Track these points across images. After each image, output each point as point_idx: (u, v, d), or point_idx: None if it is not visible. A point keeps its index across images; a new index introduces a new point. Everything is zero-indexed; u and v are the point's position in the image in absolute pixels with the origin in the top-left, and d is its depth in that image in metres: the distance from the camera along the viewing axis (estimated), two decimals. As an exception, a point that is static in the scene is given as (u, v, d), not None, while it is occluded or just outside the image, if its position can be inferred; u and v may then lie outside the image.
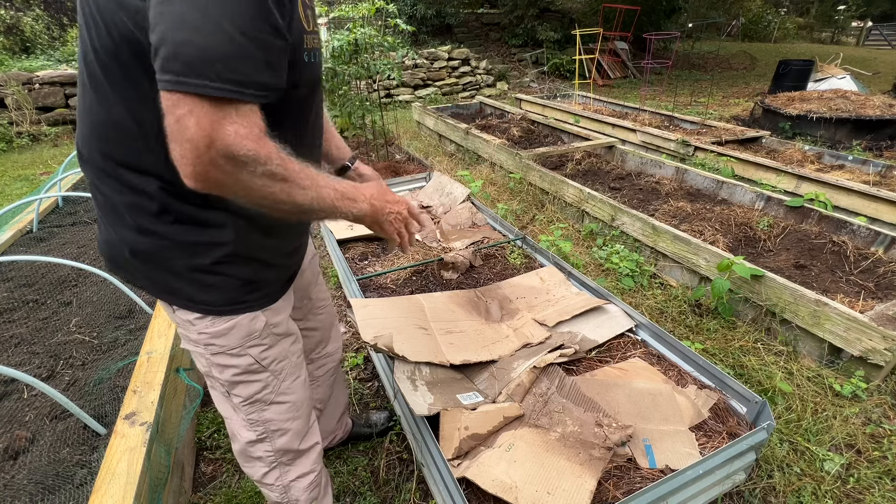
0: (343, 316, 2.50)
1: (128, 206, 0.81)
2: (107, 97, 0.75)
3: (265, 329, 0.96)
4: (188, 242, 0.83)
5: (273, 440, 1.06)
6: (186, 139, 0.63)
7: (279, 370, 1.01)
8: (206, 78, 0.61)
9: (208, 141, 0.63)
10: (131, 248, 0.84)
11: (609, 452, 1.38)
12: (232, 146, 0.64)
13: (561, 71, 10.64)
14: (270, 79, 0.69)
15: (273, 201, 0.73)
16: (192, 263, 0.85)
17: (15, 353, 1.75)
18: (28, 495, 1.22)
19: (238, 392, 0.99)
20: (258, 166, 0.68)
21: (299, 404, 1.08)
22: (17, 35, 8.26)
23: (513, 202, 3.87)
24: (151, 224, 0.81)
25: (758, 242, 2.86)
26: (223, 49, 0.62)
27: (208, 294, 0.88)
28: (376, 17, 4.33)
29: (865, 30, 20.72)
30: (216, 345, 0.92)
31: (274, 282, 0.99)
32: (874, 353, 1.88)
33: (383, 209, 0.94)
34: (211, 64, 0.61)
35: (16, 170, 5.26)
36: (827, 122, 5.39)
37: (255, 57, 0.65)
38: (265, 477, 1.10)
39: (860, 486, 1.59)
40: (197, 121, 0.62)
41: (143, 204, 0.80)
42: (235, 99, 0.64)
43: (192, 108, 0.62)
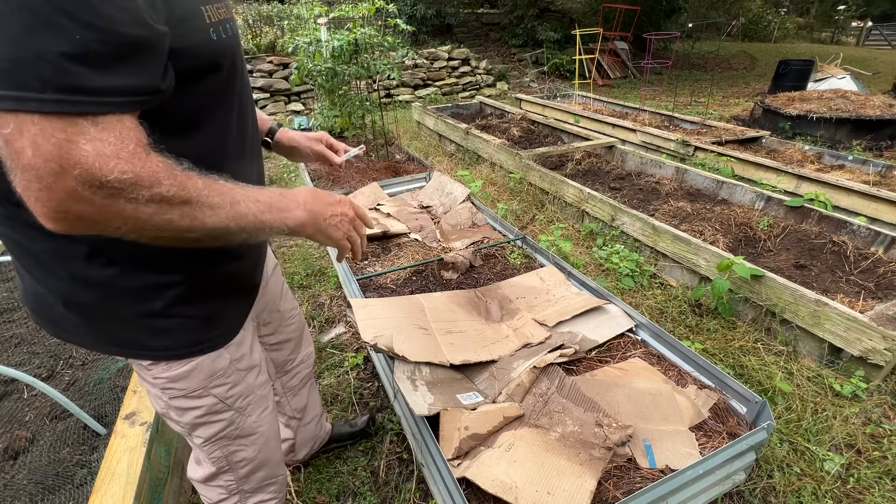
0: (343, 316, 2.50)
1: (49, 252, 0.66)
2: None
3: (230, 366, 0.87)
4: (131, 287, 0.71)
5: (235, 471, 0.98)
6: (23, 167, 0.47)
7: (244, 406, 0.93)
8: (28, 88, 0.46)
9: (57, 168, 0.48)
10: (64, 300, 0.71)
11: (609, 452, 1.38)
12: (94, 170, 0.50)
13: (561, 71, 10.64)
14: (143, 80, 0.54)
15: (174, 231, 0.59)
16: (141, 310, 0.73)
17: (15, 353, 1.76)
18: (28, 495, 1.22)
19: (199, 433, 0.90)
20: (141, 191, 0.54)
21: (266, 436, 1.00)
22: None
23: (513, 202, 3.87)
24: (83, 270, 0.68)
25: (758, 242, 2.86)
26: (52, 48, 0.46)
27: (162, 339, 0.76)
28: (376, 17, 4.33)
29: (865, 30, 20.72)
30: (174, 388, 0.82)
31: (236, 311, 0.88)
32: (874, 353, 1.88)
33: (323, 213, 0.78)
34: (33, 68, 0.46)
35: (16, 170, 5.26)
36: (827, 122, 5.39)
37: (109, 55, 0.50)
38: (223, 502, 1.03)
39: (860, 486, 1.59)
40: (32, 141, 0.47)
41: (67, 248, 0.66)
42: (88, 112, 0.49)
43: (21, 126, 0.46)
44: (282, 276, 1.25)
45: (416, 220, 2.97)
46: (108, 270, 0.68)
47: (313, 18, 4.01)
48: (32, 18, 0.45)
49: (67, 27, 0.46)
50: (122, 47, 0.51)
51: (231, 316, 0.87)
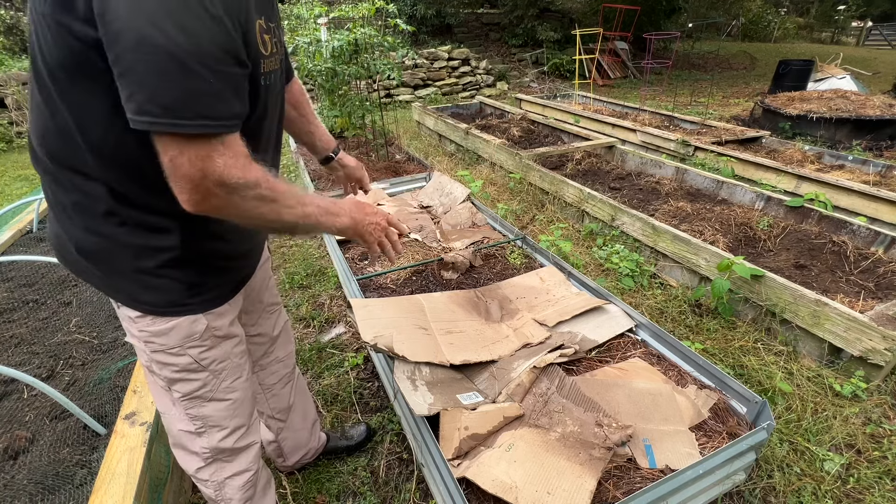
0: (343, 316, 2.50)
1: (75, 205, 0.82)
2: (53, 103, 0.74)
3: (206, 332, 0.96)
4: (134, 245, 0.85)
5: (210, 435, 1.06)
6: (181, 175, 0.69)
7: (219, 370, 1.02)
8: (184, 118, 0.65)
9: (201, 175, 0.69)
10: (77, 246, 0.86)
11: (609, 452, 1.38)
12: (223, 176, 0.71)
13: (561, 71, 10.64)
14: (242, 108, 0.74)
15: (264, 220, 0.80)
16: (137, 265, 0.86)
17: (15, 353, 1.75)
18: (28, 495, 1.22)
19: (177, 388, 1.00)
20: (248, 190, 0.75)
21: (239, 402, 1.08)
22: (17, 35, 8.26)
23: (513, 202, 3.87)
24: (97, 225, 0.83)
25: (758, 242, 2.86)
26: (196, 88, 0.65)
27: (150, 295, 0.89)
28: (376, 17, 4.33)
29: (865, 30, 20.72)
30: (156, 343, 0.93)
31: (220, 286, 0.99)
32: (874, 353, 1.88)
33: (363, 221, 1.00)
34: (187, 105, 0.65)
35: (16, 170, 5.26)
36: (827, 122, 5.39)
37: (227, 90, 0.70)
38: (199, 472, 1.10)
39: (860, 486, 1.59)
40: (188, 158, 0.68)
41: (90, 205, 0.82)
42: (217, 133, 0.69)
43: (182, 149, 0.67)
44: (270, 272, 1.29)
45: (416, 220, 2.97)
46: (118, 228, 0.83)
47: (313, 18, 4.01)
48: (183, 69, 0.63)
49: (203, 74, 0.65)
50: (235, 84, 0.72)
51: (215, 288, 0.97)
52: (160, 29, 0.61)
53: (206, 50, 0.65)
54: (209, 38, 0.65)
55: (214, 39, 0.66)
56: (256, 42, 0.77)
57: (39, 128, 0.79)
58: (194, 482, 1.15)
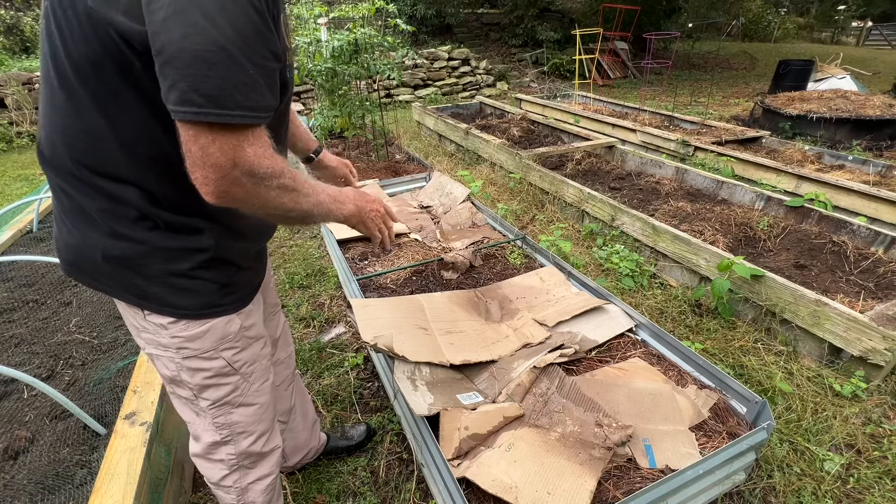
0: (343, 316, 2.50)
1: (101, 211, 0.80)
2: (82, 104, 0.73)
3: (239, 332, 0.97)
4: (167, 248, 0.84)
5: (237, 442, 1.06)
6: (211, 164, 0.68)
7: (250, 373, 1.02)
8: (226, 108, 0.66)
9: (232, 164, 0.69)
10: (104, 253, 0.83)
11: (609, 452, 1.38)
12: (253, 166, 0.71)
13: (561, 71, 10.64)
14: (273, 100, 0.74)
15: (284, 210, 0.80)
16: (170, 268, 0.85)
17: (15, 353, 1.75)
18: (28, 495, 1.22)
19: (207, 395, 0.98)
20: (274, 180, 0.75)
21: (266, 407, 1.09)
22: (17, 35, 8.25)
23: (513, 202, 3.87)
24: (128, 230, 0.82)
25: (758, 242, 2.86)
26: (239, 80, 0.66)
27: (184, 298, 0.88)
28: (376, 17, 4.33)
29: (865, 30, 20.72)
30: (189, 348, 0.92)
31: (247, 284, 1.00)
32: (874, 353, 1.88)
33: (365, 208, 1.01)
34: (230, 95, 0.66)
35: (16, 170, 5.26)
36: (827, 122, 5.39)
37: (262, 83, 0.70)
38: (224, 479, 1.09)
39: (860, 486, 1.59)
40: (220, 147, 0.68)
41: (120, 210, 0.80)
42: (252, 124, 0.70)
43: (215, 137, 0.67)
44: (271, 272, 1.31)
45: (416, 220, 2.97)
46: (150, 233, 0.83)
47: (313, 18, 4.01)
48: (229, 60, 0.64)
49: (247, 66, 0.66)
50: (271, 77, 0.72)
51: (243, 287, 0.99)
52: (210, 19, 0.62)
53: (251, 43, 0.67)
54: (254, 32, 0.67)
55: (259, 33, 0.68)
56: (284, 36, 0.77)
57: (61, 130, 0.77)
58: (213, 490, 1.14)
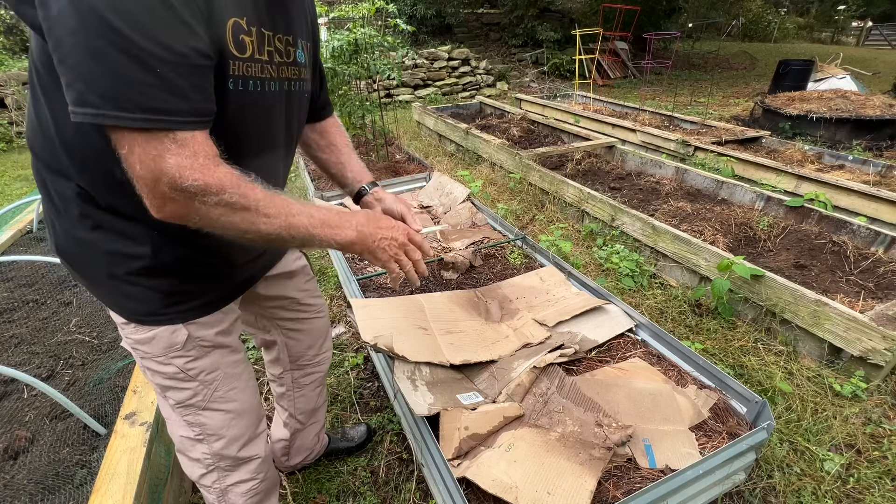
0: (343, 316, 2.50)
1: (54, 209, 0.81)
2: (37, 99, 0.73)
3: (188, 342, 0.92)
4: (107, 251, 0.81)
5: (210, 443, 1.03)
6: (136, 176, 0.64)
7: (209, 380, 0.97)
8: (128, 110, 0.58)
9: (153, 176, 0.63)
10: (59, 249, 0.85)
11: (609, 452, 1.37)
12: (175, 179, 0.63)
13: (561, 71, 10.65)
14: (203, 103, 0.66)
15: (238, 231, 0.73)
16: (111, 272, 0.83)
17: (15, 353, 1.75)
18: (28, 495, 1.22)
19: (170, 395, 0.97)
20: (209, 196, 0.66)
21: (240, 413, 1.04)
22: (17, 35, 8.26)
23: (513, 202, 3.87)
24: (74, 229, 0.80)
25: (758, 242, 2.86)
26: (140, 79, 0.58)
27: (129, 303, 0.87)
28: (376, 17, 4.33)
29: (865, 30, 20.73)
30: (141, 350, 0.91)
31: (207, 293, 0.93)
32: (874, 353, 1.88)
33: (373, 235, 0.89)
34: (128, 96, 0.58)
35: (16, 170, 5.26)
36: (827, 122, 5.39)
37: (180, 83, 0.62)
38: (203, 478, 1.07)
39: (860, 486, 1.59)
40: (139, 157, 0.62)
41: (66, 207, 0.79)
42: (166, 128, 0.61)
43: (132, 146, 0.61)
44: (310, 271, 1.32)
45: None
46: (91, 233, 0.80)
47: (313, 18, 4.00)
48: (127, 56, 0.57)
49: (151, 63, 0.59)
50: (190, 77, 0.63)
51: (196, 297, 0.92)
52: (99, 13, 0.55)
53: (152, 37, 0.58)
54: (157, 25, 0.58)
55: (168, 26, 0.59)
56: (226, 40, 0.69)
57: (29, 123, 0.77)
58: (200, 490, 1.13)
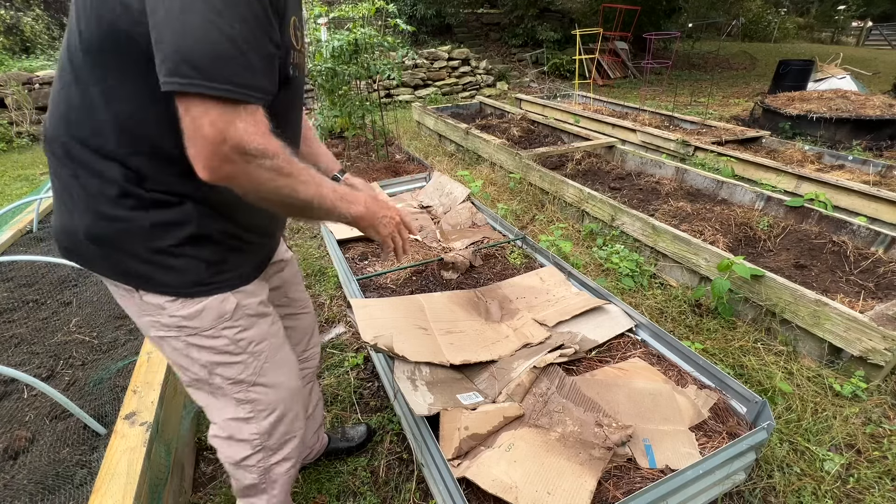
0: (343, 316, 2.50)
1: (85, 189, 0.82)
2: (85, 81, 0.77)
3: (237, 311, 0.95)
4: (148, 225, 0.84)
5: (259, 421, 1.05)
6: (202, 136, 0.69)
7: (258, 352, 1.00)
8: (217, 81, 0.67)
9: (222, 138, 0.69)
10: (86, 233, 0.85)
11: (609, 452, 1.38)
12: (243, 141, 0.71)
13: (561, 71, 10.64)
14: (270, 85, 0.76)
15: (279, 195, 0.79)
16: (153, 245, 0.85)
17: (15, 353, 1.75)
18: (28, 495, 1.22)
19: (220, 372, 0.98)
20: (266, 160, 0.75)
21: (287, 386, 1.07)
22: (17, 35, 8.26)
23: (513, 202, 3.87)
24: (109, 208, 0.83)
25: (758, 242, 2.86)
26: (231, 56, 0.68)
27: (171, 276, 0.88)
28: (376, 17, 4.33)
29: (865, 30, 20.72)
30: (189, 326, 0.92)
31: (242, 265, 0.98)
32: (874, 353, 1.88)
33: (378, 212, 0.99)
34: (220, 69, 0.67)
35: (16, 170, 5.26)
36: (827, 122, 5.39)
37: (258, 65, 0.73)
38: (247, 459, 1.08)
39: (860, 486, 1.59)
40: (211, 120, 0.69)
41: (104, 188, 0.82)
42: (242, 100, 0.71)
43: (207, 110, 0.68)
44: (298, 268, 1.34)
45: (416, 220, 2.98)
46: (131, 212, 0.83)
47: (313, 18, 4.01)
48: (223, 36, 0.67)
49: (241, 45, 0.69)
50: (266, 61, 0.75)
51: (239, 266, 0.97)
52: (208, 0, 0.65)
53: (245, 21, 0.69)
54: (252, 15, 0.69)
55: (256, 17, 0.70)
56: (289, 33, 0.82)
57: (66, 110, 0.80)
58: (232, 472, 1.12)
